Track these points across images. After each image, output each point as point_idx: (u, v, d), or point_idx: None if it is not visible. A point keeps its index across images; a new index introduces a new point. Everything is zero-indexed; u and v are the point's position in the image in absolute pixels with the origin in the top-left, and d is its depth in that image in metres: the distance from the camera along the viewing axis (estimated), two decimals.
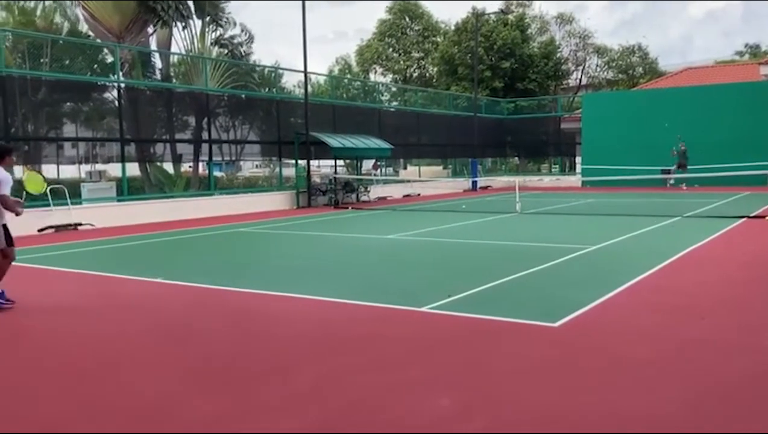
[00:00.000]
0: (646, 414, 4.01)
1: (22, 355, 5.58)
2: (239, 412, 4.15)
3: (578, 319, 6.22)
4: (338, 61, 56.81)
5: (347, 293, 7.58)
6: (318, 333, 6.02)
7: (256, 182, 28.83)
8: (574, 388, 4.47)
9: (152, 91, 21.53)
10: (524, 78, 42.82)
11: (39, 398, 4.52)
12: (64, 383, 4.83)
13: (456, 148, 32.31)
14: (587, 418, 3.97)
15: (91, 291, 8.31)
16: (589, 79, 50.79)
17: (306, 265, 10.14)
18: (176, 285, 8.48)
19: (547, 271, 8.86)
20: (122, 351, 5.65)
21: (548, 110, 36.98)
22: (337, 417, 4.06)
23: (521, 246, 11.62)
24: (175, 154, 21.89)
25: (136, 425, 3.97)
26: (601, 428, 3.82)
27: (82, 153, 26.51)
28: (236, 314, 6.89)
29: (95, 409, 4.27)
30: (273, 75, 28.81)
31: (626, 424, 3.87)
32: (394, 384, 4.62)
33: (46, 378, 4.94)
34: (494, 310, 6.60)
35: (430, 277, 8.81)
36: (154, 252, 12.23)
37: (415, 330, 6.11)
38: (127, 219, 17.08)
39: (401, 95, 35.50)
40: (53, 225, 15.58)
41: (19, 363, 5.37)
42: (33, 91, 18.05)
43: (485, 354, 5.29)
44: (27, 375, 5.03)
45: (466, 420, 3.98)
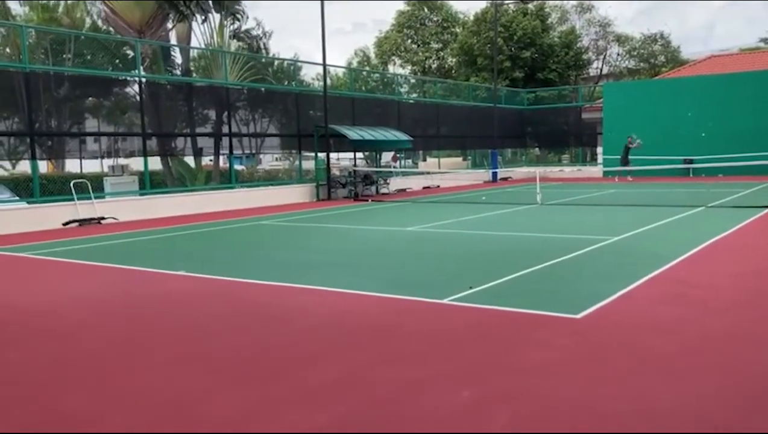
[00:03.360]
0: (673, 408, 3.98)
1: (48, 348, 5.67)
2: (262, 405, 4.19)
3: (601, 311, 6.19)
4: (357, 53, 56.78)
5: (368, 285, 7.60)
6: (340, 326, 6.05)
7: (276, 175, 28.95)
8: (598, 381, 4.45)
9: (173, 85, 21.69)
10: (544, 68, 42.47)
11: (66, 391, 4.60)
12: (89, 375, 4.91)
13: (476, 139, 32.16)
14: (611, 412, 3.95)
15: (115, 285, 8.42)
16: (610, 68, 50.26)
17: (327, 258, 10.18)
18: (199, 277, 8.56)
19: (569, 263, 8.82)
20: (145, 343, 5.73)
21: (569, 100, 36.66)
22: (359, 410, 4.08)
23: (542, 237, 11.57)
24: (196, 147, 22.05)
25: (159, 418, 4.03)
26: (625, 422, 3.80)
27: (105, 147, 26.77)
28: (258, 307, 6.94)
29: (119, 402, 4.34)
30: (292, 68, 28.86)
31: (652, 418, 3.84)
32: (415, 376, 4.64)
33: (71, 371, 5.03)
34: (516, 302, 6.58)
35: (450, 269, 8.80)
36: (176, 246, 12.35)
37: (436, 322, 6.12)
38: (149, 212, 17.26)
39: (420, 87, 35.36)
40: (77, 219, 15.79)
41: (45, 356, 5.46)
42: (56, 86, 18.26)
43: (507, 347, 5.29)
44: (54, 368, 5.11)
45: (488, 412, 3.98)
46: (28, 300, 7.61)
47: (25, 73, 16.17)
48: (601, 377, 4.52)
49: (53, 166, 31.33)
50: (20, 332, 6.23)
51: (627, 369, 4.66)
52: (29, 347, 5.71)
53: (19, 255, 11.24)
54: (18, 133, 17.75)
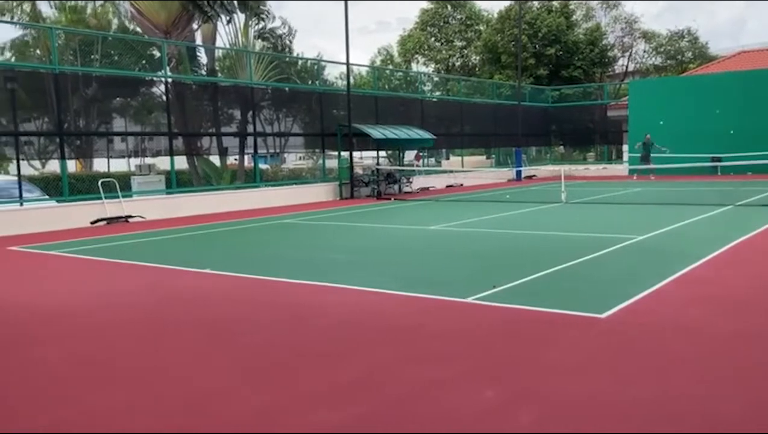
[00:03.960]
0: (700, 410, 3.95)
1: (77, 346, 5.78)
2: (287, 403, 4.23)
3: (626, 310, 6.14)
4: (380, 51, 56.76)
5: (391, 284, 7.62)
6: (364, 325, 6.09)
7: (300, 174, 29.11)
8: (623, 381, 4.43)
9: (198, 85, 21.92)
10: (569, 65, 42.09)
11: (91, 387, 4.69)
12: (117, 374, 5.00)
13: (500, 137, 32.01)
14: (637, 413, 3.93)
15: (142, 283, 8.55)
16: (636, 65, 49.62)
17: (350, 256, 10.23)
18: (224, 275, 8.66)
19: (594, 262, 8.76)
20: (172, 341, 5.81)
21: (594, 98, 36.30)
22: (382, 408, 4.11)
23: (567, 236, 11.49)
24: (221, 147, 22.26)
25: (185, 415, 4.09)
26: (650, 423, 3.78)
27: (132, 147, 27.16)
28: (282, 305, 7.00)
29: (144, 399, 4.41)
30: (315, 67, 28.98)
31: (678, 420, 3.82)
32: (439, 376, 4.65)
33: (100, 370, 5.12)
34: (540, 301, 6.56)
35: (474, 268, 8.79)
36: (202, 244, 12.49)
37: (460, 321, 6.12)
38: (175, 211, 17.46)
39: (444, 85, 35.27)
40: (105, 218, 16.03)
41: (74, 353, 5.57)
42: (84, 86, 18.54)
43: (531, 346, 5.28)
44: (83, 366, 5.21)
45: (512, 412, 3.98)
46: (57, 298, 7.76)
47: (54, 74, 16.46)
48: (627, 378, 4.49)
49: (81, 166, 31.84)
50: (49, 329, 6.36)
51: (653, 370, 4.63)
52: (58, 345, 5.82)
53: (49, 253, 11.45)
54: (48, 133, 18.05)
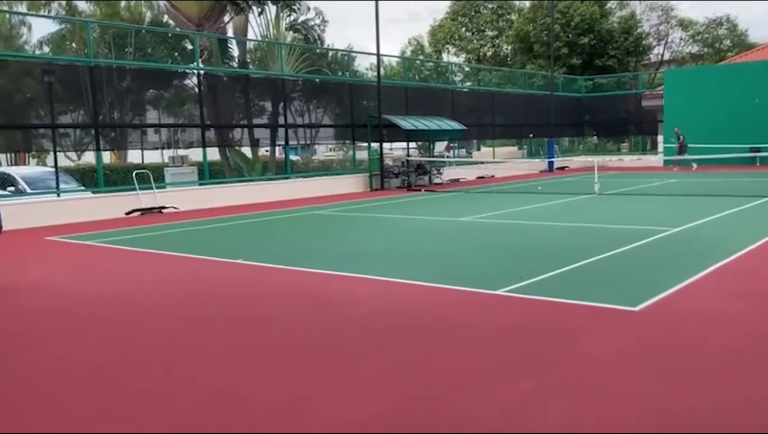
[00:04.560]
0: (737, 405, 3.88)
1: (114, 334, 5.89)
2: (318, 393, 4.26)
3: (660, 303, 6.04)
4: (411, 42, 56.59)
5: (421, 275, 7.61)
6: (394, 316, 6.09)
7: (330, 165, 29.19)
8: (657, 375, 4.36)
9: (230, 77, 22.09)
10: (603, 54, 41.43)
11: (122, 374, 4.77)
12: (151, 362, 5.08)
13: (531, 127, 31.69)
14: (671, 407, 3.87)
15: (176, 273, 8.67)
16: (672, 53, 48.66)
17: (380, 247, 10.24)
18: (256, 266, 8.74)
19: (627, 254, 8.63)
20: (205, 331, 5.88)
21: (628, 87, 35.70)
22: (413, 400, 4.11)
23: (600, 228, 11.35)
24: (253, 138, 22.42)
25: (213, 403, 4.14)
26: (684, 418, 3.72)
27: (165, 138, 27.49)
28: (313, 295, 7.04)
29: (174, 386, 4.48)
30: (346, 58, 28.98)
31: (713, 415, 3.75)
32: (470, 367, 4.64)
33: (136, 358, 5.21)
34: (572, 294, 6.49)
35: (505, 260, 8.74)
36: (234, 235, 12.62)
37: (490, 313, 6.09)
38: (208, 202, 17.66)
39: (475, 75, 35.01)
40: (139, 209, 16.29)
41: (104, 341, 5.67)
42: (118, 79, 18.82)
43: (563, 339, 5.23)
44: (110, 353, 5.31)
45: (544, 404, 3.95)
46: (94, 288, 7.91)
47: (90, 67, 16.73)
48: (660, 371, 4.42)
49: (116, 157, 32.38)
50: (88, 318, 6.49)
51: (687, 364, 4.55)
52: (97, 333, 5.94)
53: (86, 243, 11.68)
54: (83, 125, 18.38)
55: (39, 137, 17.45)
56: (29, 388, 4.51)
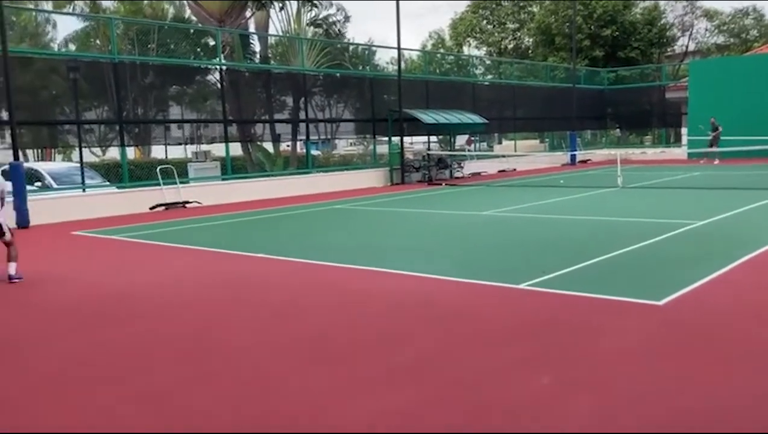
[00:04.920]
0: (762, 403, 3.85)
1: (140, 328, 5.99)
2: (344, 385, 4.30)
3: (685, 297, 6.00)
4: (431, 35, 56.33)
5: (443, 270, 7.62)
6: (417, 310, 6.11)
7: (351, 160, 29.23)
8: (682, 370, 4.34)
9: (252, 72, 22.20)
10: (626, 46, 40.91)
11: (154, 365, 4.86)
12: (178, 355, 5.16)
13: (553, 120, 31.46)
14: (696, 405, 3.85)
15: (201, 267, 8.77)
16: (697, 44, 47.89)
17: (401, 242, 10.26)
18: (279, 260, 8.81)
19: (651, 248, 8.57)
20: (230, 324, 5.96)
21: (652, 79, 35.25)
22: (438, 393, 4.13)
23: (623, 221, 11.26)
24: (274, 133, 22.53)
25: (241, 394, 4.20)
26: (711, 415, 3.70)
27: (188, 134, 27.71)
28: (336, 289, 7.09)
29: (208, 380, 4.55)
30: (366, 53, 28.97)
31: (741, 412, 3.72)
32: (493, 361, 4.65)
33: (161, 351, 5.29)
34: (595, 288, 6.47)
35: (527, 254, 8.71)
36: (256, 229, 12.72)
37: (513, 307, 6.09)
38: (230, 197, 17.80)
39: (496, 68, 34.79)
40: (163, 203, 16.47)
41: (138, 335, 5.77)
42: (142, 75, 19.00)
43: (586, 334, 5.21)
44: (145, 347, 5.40)
45: (568, 398, 3.95)
46: (120, 282, 8.03)
47: (114, 63, 16.93)
48: (686, 367, 4.40)
49: (140, 153, 32.70)
50: (114, 312, 6.60)
51: (713, 359, 4.52)
52: (123, 327, 6.04)
53: (111, 237, 11.85)
54: (108, 121, 18.61)
55: (64, 133, 17.69)
56: (70, 374, 4.62)
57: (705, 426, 3.52)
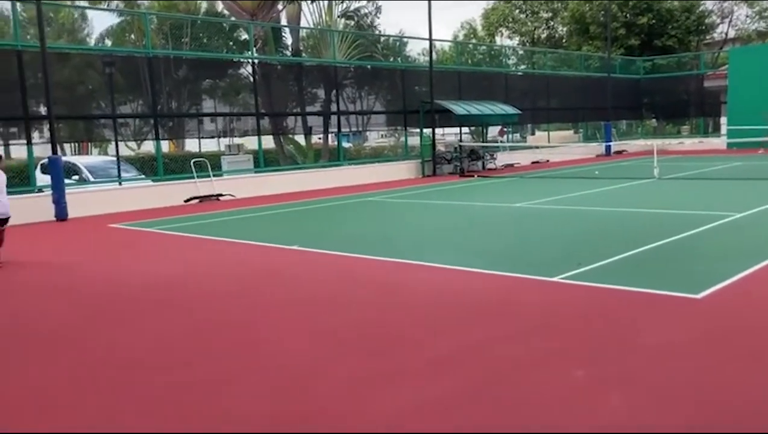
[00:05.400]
0: None
1: (178, 319, 6.07)
2: (378, 376, 4.30)
3: (723, 291, 5.86)
4: (463, 26, 55.88)
5: (476, 262, 7.57)
6: (451, 303, 6.08)
7: (382, 152, 29.21)
8: (720, 365, 4.24)
9: (283, 65, 22.31)
10: (663, 34, 40.06)
11: (190, 358, 4.92)
12: (214, 346, 5.21)
13: (588, 111, 31.01)
14: (733, 400, 3.76)
15: (235, 259, 8.86)
16: (737, 31, 46.67)
17: (433, 234, 10.22)
18: (312, 252, 8.84)
19: (689, 240, 8.39)
20: (266, 315, 6.00)
21: (689, 68, 34.49)
22: (472, 384, 4.11)
23: (659, 213, 11.05)
24: (306, 126, 22.62)
25: (281, 384, 4.23)
26: (748, 411, 3.60)
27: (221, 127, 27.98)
28: (370, 281, 7.09)
29: (243, 367, 4.58)
30: (398, 44, 28.87)
31: None
32: (528, 354, 4.61)
33: (195, 337, 5.35)
34: (631, 281, 6.35)
35: (561, 246, 8.60)
36: (289, 221, 12.79)
37: (548, 300, 6.02)
38: (263, 189, 17.93)
39: (529, 58, 34.38)
40: (197, 196, 16.66)
41: (173, 323, 5.84)
42: (175, 69, 19.21)
43: (622, 327, 5.13)
44: (183, 337, 5.47)
45: (602, 392, 3.90)
46: (157, 273, 8.15)
47: (148, 57, 17.15)
48: (723, 362, 4.30)
49: (174, 146, 33.12)
50: (152, 303, 6.70)
51: (751, 355, 4.41)
52: (166, 315, 6.13)
53: (147, 230, 12.03)
54: (143, 115, 18.87)
55: (100, 127, 18.00)
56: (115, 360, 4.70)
57: (740, 424, 3.43)
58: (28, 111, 14.88)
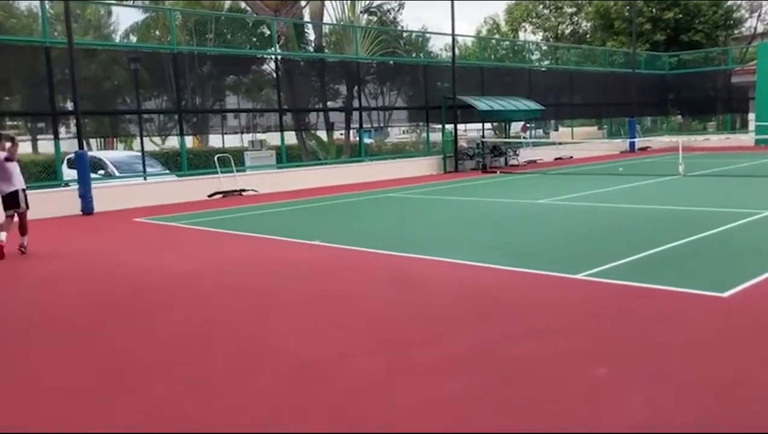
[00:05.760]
0: None
1: (200, 311, 6.13)
2: (394, 372, 4.31)
3: (751, 290, 5.78)
4: (486, 21, 55.56)
5: (499, 259, 7.55)
6: (472, 299, 6.07)
7: (404, 148, 29.18)
8: (746, 364, 4.19)
9: (306, 61, 22.37)
10: (689, 29, 39.48)
11: (210, 352, 4.97)
12: (234, 338, 5.26)
13: (612, 107, 30.67)
14: (759, 397, 3.71)
15: (258, 253, 8.92)
16: (766, 26, 45.87)
17: (456, 230, 10.20)
18: (334, 247, 8.88)
19: (715, 238, 8.28)
20: (287, 308, 6.04)
21: (717, 63, 33.97)
22: (490, 381, 4.10)
23: (685, 211, 10.92)
24: (328, 122, 22.68)
25: (298, 379, 4.26)
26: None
27: (244, 123, 28.14)
28: (391, 277, 7.10)
29: (261, 361, 4.62)
30: (420, 40, 28.80)
31: None
32: (550, 352, 4.59)
33: (217, 330, 5.41)
34: (656, 278, 6.29)
35: (584, 243, 8.54)
36: (311, 217, 12.85)
37: (571, 297, 5.98)
38: (285, 185, 18.02)
39: (553, 53, 34.10)
40: (221, 191, 16.80)
41: (197, 318, 5.91)
42: (200, 65, 19.37)
43: (645, 324, 5.08)
44: (203, 329, 5.53)
45: (624, 391, 3.87)
46: (181, 267, 8.24)
47: (173, 53, 17.31)
48: (750, 361, 4.24)
49: (198, 141, 33.39)
50: (177, 295, 6.78)
51: None
52: (190, 308, 6.20)
53: (172, 224, 12.16)
54: (167, 110, 19.05)
55: (126, 122, 18.21)
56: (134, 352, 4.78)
57: (763, 423, 3.39)
58: (56, 106, 15.11)
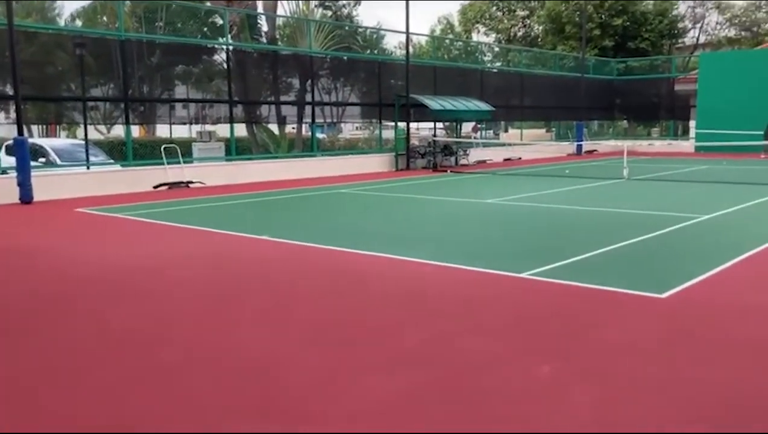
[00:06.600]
0: (764, 395, 3.82)
1: (142, 306, 5.98)
2: (341, 370, 4.28)
3: (687, 291, 5.96)
4: (440, 20, 56.00)
5: (446, 256, 7.59)
6: (418, 296, 6.08)
7: (356, 144, 29.14)
8: (683, 363, 4.30)
9: (259, 53, 22.08)
10: (636, 36, 40.58)
11: (148, 346, 4.85)
12: (179, 335, 5.14)
13: (561, 110, 31.29)
14: (695, 396, 3.82)
15: (203, 247, 8.75)
16: (708, 37, 47.47)
17: (404, 228, 10.22)
18: (281, 243, 8.78)
19: (655, 241, 8.51)
20: (232, 307, 5.93)
21: (661, 71, 35.01)
22: (436, 378, 4.11)
23: (628, 213, 11.20)
24: (280, 115, 22.43)
25: (242, 378, 4.19)
26: (709, 408, 3.67)
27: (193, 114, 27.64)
28: (339, 273, 7.06)
29: (207, 362, 4.53)
30: (375, 36, 28.78)
31: (740, 407, 3.69)
32: (494, 349, 4.63)
33: (153, 328, 5.28)
34: (597, 279, 6.42)
35: (530, 243, 8.67)
36: (259, 211, 12.69)
37: (515, 296, 6.06)
38: (234, 178, 17.76)
39: (504, 55, 34.57)
40: (167, 183, 16.43)
41: (131, 312, 5.75)
42: (148, 54, 18.90)
43: (587, 324, 5.18)
44: (136, 325, 5.39)
45: (567, 390, 3.93)
46: (122, 260, 8.02)
47: (120, 41, 16.84)
48: (687, 360, 4.37)
49: (144, 131, 32.65)
50: (116, 290, 6.58)
51: (714, 353, 4.48)
52: (124, 304, 6.02)
53: (114, 215, 11.83)
54: (113, 98, 18.53)
55: (69, 109, 17.64)
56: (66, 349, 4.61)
57: (706, 422, 3.49)
58: None
